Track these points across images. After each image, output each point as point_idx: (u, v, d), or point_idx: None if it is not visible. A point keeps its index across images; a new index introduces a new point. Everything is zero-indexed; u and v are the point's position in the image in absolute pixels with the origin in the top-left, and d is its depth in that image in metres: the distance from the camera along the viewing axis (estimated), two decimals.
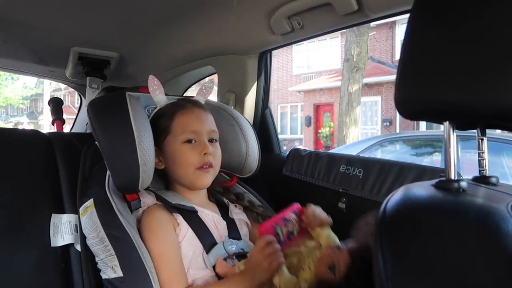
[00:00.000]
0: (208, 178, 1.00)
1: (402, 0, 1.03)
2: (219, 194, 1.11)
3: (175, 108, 1.03)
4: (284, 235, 0.89)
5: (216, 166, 1.02)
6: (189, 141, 0.99)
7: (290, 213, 0.92)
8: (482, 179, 0.60)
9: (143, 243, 0.90)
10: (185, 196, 1.01)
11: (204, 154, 0.97)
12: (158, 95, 1.06)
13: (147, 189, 1.00)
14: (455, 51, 0.47)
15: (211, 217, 1.00)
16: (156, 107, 1.08)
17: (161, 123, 1.02)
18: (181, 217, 0.96)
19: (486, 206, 0.47)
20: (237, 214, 1.06)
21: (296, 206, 0.93)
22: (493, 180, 0.60)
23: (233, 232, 1.01)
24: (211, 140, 1.02)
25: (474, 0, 0.47)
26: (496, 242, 0.40)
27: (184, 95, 1.99)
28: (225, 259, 0.94)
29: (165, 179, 1.08)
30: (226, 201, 1.09)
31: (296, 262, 0.88)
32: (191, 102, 1.05)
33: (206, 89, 1.15)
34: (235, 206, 1.08)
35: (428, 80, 0.49)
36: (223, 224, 1.01)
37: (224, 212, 1.05)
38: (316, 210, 0.96)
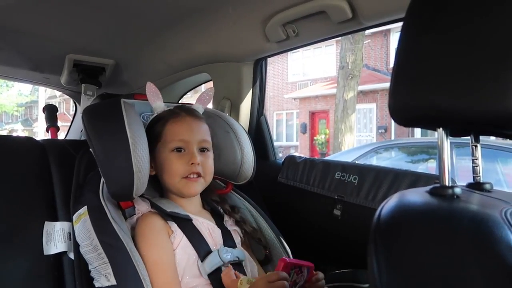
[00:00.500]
0: (195, 187, 0.99)
1: (395, 8, 1.04)
2: (214, 203, 1.10)
3: (169, 115, 1.03)
4: (291, 282, 0.89)
5: (206, 176, 1.01)
6: (178, 150, 0.98)
7: (305, 267, 0.91)
8: (476, 186, 0.60)
9: (137, 251, 0.89)
10: (179, 203, 1.00)
11: (191, 164, 0.97)
12: (156, 102, 1.06)
13: (141, 196, 0.99)
14: (447, 58, 0.48)
15: (206, 225, 1.00)
16: (153, 114, 1.08)
17: (154, 129, 1.02)
18: (175, 225, 0.95)
19: (480, 213, 0.47)
20: (231, 225, 1.06)
21: (311, 265, 0.92)
22: (487, 186, 0.60)
23: (228, 240, 1.00)
24: (202, 150, 1.01)
25: (466, 7, 0.47)
26: (490, 248, 0.40)
27: (180, 102, 1.98)
28: (220, 267, 0.93)
29: (159, 186, 1.08)
30: (221, 210, 1.08)
31: None
32: (186, 111, 1.05)
33: (206, 98, 1.14)
34: (229, 217, 1.08)
35: (421, 87, 0.50)
36: (218, 232, 1.00)
37: (219, 220, 1.05)
38: (322, 280, 0.94)
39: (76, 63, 1.73)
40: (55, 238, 1.04)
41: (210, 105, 1.19)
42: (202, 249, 0.94)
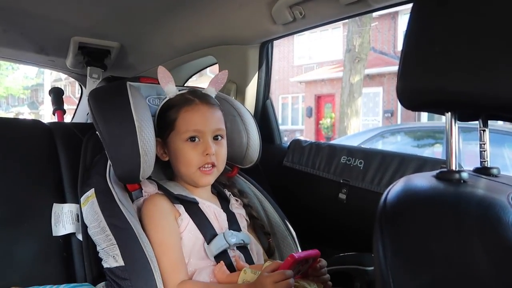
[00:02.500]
0: (209, 179, 1.00)
1: None
2: (221, 186, 1.10)
3: (182, 102, 0.99)
4: (295, 271, 0.90)
5: (220, 165, 1.01)
6: (192, 139, 0.97)
7: (311, 257, 0.91)
8: (483, 170, 0.60)
9: (144, 232, 0.91)
10: (187, 187, 1.01)
11: (206, 154, 0.96)
12: (168, 85, 1.03)
13: (148, 178, 1.00)
14: (458, 41, 0.47)
15: (212, 208, 1.00)
16: (163, 97, 1.05)
17: (167, 116, 1.00)
18: (182, 207, 0.96)
19: (487, 197, 0.47)
20: (237, 208, 1.06)
21: (317, 254, 0.91)
22: (494, 171, 0.60)
23: (233, 224, 1.01)
24: (216, 137, 1.00)
25: None
26: (496, 232, 0.40)
27: (186, 85, 1.98)
28: (226, 250, 0.95)
29: (167, 169, 1.09)
30: (228, 193, 1.09)
31: None
32: (199, 97, 1.01)
33: (219, 80, 1.09)
34: (236, 200, 1.08)
35: (430, 70, 0.49)
36: (223, 216, 1.01)
37: (225, 204, 1.05)
38: (324, 268, 0.94)
39: (81, 46, 1.72)
40: (63, 220, 1.06)
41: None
42: (208, 232, 0.95)
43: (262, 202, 1.17)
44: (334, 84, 12.34)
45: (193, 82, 2.16)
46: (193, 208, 0.97)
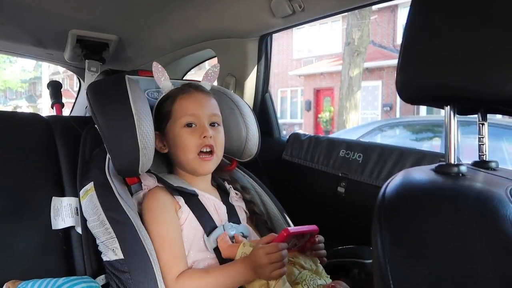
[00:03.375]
0: (209, 166, 1.00)
1: None
2: (221, 180, 1.11)
3: (177, 93, 1.02)
4: (290, 245, 0.90)
5: (218, 150, 1.01)
6: (189, 125, 0.98)
7: (308, 233, 0.92)
8: (481, 164, 0.60)
9: (143, 226, 0.91)
10: (187, 180, 1.01)
11: (204, 137, 0.97)
12: (164, 82, 1.05)
13: (148, 172, 1.00)
14: (457, 35, 0.47)
15: (211, 201, 1.01)
16: (158, 90, 1.08)
17: (163, 108, 1.02)
18: (182, 200, 0.96)
19: (485, 191, 0.47)
20: (237, 201, 1.07)
21: (315, 230, 0.92)
22: (493, 165, 0.60)
23: (232, 216, 1.02)
24: (212, 124, 1.01)
25: None
26: (494, 226, 0.40)
27: (184, 78, 1.97)
28: None
29: (167, 163, 1.09)
30: (228, 186, 1.09)
31: (297, 274, 0.89)
32: (194, 87, 1.04)
33: (212, 74, 1.13)
34: (236, 193, 1.09)
35: (430, 64, 0.49)
36: (223, 208, 1.01)
37: (225, 197, 1.06)
38: (322, 243, 0.97)
39: (79, 39, 1.72)
40: (62, 213, 1.06)
41: (214, 82, 1.18)
42: (208, 225, 0.95)
43: (261, 195, 1.17)
44: (333, 78, 12.31)
45: (191, 76, 2.15)
46: (192, 200, 0.97)
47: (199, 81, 1.13)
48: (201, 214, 0.96)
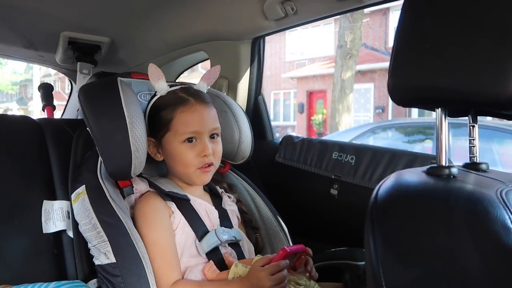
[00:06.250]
0: (208, 176, 0.99)
1: None
2: (213, 183, 1.10)
3: (177, 102, 0.97)
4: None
5: (217, 162, 1.00)
6: (189, 140, 0.95)
7: (299, 252, 0.93)
8: (472, 166, 0.61)
9: (135, 229, 0.90)
10: (179, 185, 1.00)
11: (204, 156, 0.95)
12: (159, 83, 1.00)
13: (139, 175, 1.00)
14: (448, 38, 0.47)
15: (203, 206, 1.00)
16: (154, 94, 1.03)
17: (161, 116, 0.97)
18: (174, 205, 0.95)
19: (476, 192, 0.48)
20: (230, 205, 1.06)
21: (304, 249, 0.93)
22: (483, 166, 0.60)
23: (224, 221, 1.01)
24: (212, 136, 0.99)
25: None
26: (485, 227, 0.41)
27: (177, 81, 1.97)
28: (217, 247, 0.95)
29: (158, 166, 1.08)
30: (220, 191, 1.08)
31: None
32: (194, 96, 0.99)
33: (212, 76, 1.07)
34: (229, 197, 1.08)
35: (421, 66, 0.49)
36: (215, 213, 1.01)
37: (217, 201, 1.05)
38: (310, 264, 0.96)
39: (71, 41, 1.70)
40: (54, 217, 1.05)
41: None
42: (200, 230, 0.95)
43: (254, 198, 1.17)
44: (326, 80, 12.36)
45: (184, 78, 2.15)
46: (184, 205, 0.97)
47: (194, 84, 1.10)
48: (193, 219, 0.96)
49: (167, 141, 0.97)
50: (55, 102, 2.10)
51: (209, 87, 1.08)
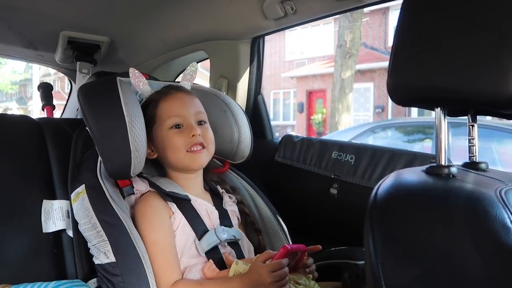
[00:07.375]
0: (201, 159, 0.99)
1: None
2: (214, 183, 1.10)
3: (159, 96, 1.01)
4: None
5: (209, 145, 1.00)
6: (176, 126, 0.97)
7: (300, 251, 0.92)
8: (472, 165, 0.61)
9: (135, 229, 0.90)
10: (180, 184, 1.00)
11: (192, 136, 0.96)
12: (143, 87, 1.05)
13: (140, 175, 1.00)
14: (447, 38, 0.47)
15: (204, 206, 1.00)
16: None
17: (147, 113, 0.99)
18: (175, 205, 0.95)
19: (476, 192, 0.48)
20: (230, 206, 1.06)
21: (305, 248, 0.93)
22: (483, 166, 0.60)
23: (224, 221, 1.01)
24: (200, 123, 1.00)
25: None
26: (485, 226, 0.41)
27: (176, 80, 1.97)
28: (217, 246, 0.95)
29: (158, 166, 1.08)
30: (221, 191, 1.08)
31: None
32: (174, 88, 1.03)
33: (190, 74, 1.12)
34: (230, 197, 1.08)
35: (420, 66, 0.49)
36: (215, 213, 1.01)
37: (218, 201, 1.05)
38: (312, 265, 0.96)
39: (70, 40, 1.70)
40: (53, 216, 1.05)
41: (207, 84, 1.18)
42: (200, 229, 0.95)
43: (254, 197, 1.17)
44: (325, 80, 12.36)
45: None
46: (185, 205, 0.97)
47: (179, 82, 1.12)
48: (193, 218, 0.96)
49: (156, 133, 0.99)
50: (55, 102, 2.10)
51: (191, 84, 1.11)
